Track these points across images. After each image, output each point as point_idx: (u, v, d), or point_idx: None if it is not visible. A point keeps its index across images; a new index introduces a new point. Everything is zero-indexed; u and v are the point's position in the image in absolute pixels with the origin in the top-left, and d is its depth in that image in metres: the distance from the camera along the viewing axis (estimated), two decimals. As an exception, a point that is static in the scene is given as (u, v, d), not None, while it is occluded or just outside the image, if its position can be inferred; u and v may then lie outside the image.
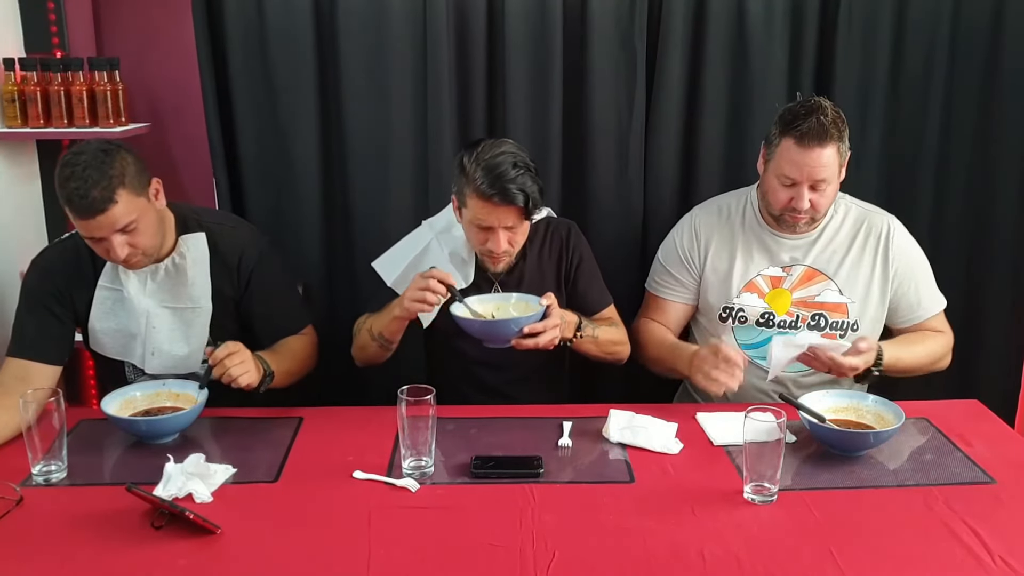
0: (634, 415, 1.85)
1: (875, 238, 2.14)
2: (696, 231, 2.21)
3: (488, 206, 1.90)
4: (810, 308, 2.13)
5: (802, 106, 1.99)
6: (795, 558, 1.41)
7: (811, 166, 1.97)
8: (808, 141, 1.95)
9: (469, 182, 1.91)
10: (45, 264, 1.97)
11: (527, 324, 1.86)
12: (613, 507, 1.56)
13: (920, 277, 2.16)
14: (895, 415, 1.77)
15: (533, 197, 1.90)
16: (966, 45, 2.48)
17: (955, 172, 2.57)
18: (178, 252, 1.96)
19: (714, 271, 2.19)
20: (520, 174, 1.89)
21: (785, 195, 2.03)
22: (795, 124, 1.96)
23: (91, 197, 1.73)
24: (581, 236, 2.18)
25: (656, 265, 2.30)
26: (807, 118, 1.95)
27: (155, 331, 1.97)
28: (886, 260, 2.13)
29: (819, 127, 1.94)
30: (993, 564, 1.39)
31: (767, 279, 2.16)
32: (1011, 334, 2.59)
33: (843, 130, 1.99)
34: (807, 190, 2.00)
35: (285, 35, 2.40)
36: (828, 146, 1.96)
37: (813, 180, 1.99)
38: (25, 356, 1.90)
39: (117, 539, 1.45)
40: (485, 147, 1.93)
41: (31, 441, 1.62)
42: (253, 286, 2.02)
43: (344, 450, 1.75)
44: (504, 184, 1.87)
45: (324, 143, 2.48)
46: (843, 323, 2.13)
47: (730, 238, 2.19)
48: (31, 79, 2.39)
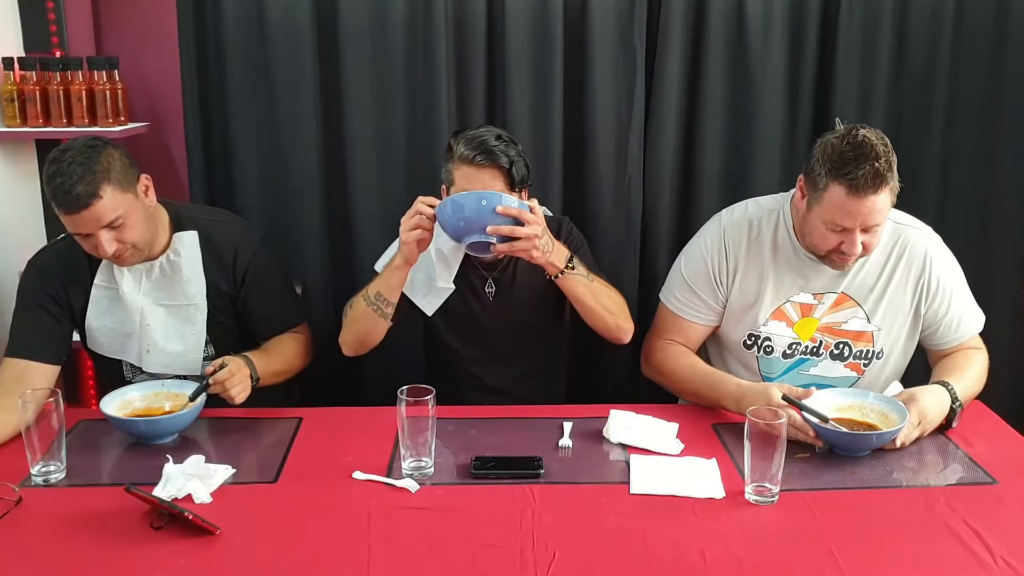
0: (635, 415, 1.85)
1: (912, 261, 1.97)
2: (726, 249, 2.02)
3: (472, 171, 1.89)
4: (835, 335, 2.00)
5: (849, 145, 1.78)
6: (796, 559, 1.41)
7: (865, 214, 1.79)
8: (863, 191, 1.76)
9: (453, 157, 1.92)
10: (41, 265, 1.98)
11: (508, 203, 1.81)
12: (614, 508, 1.55)
13: (958, 298, 2.00)
14: (900, 415, 1.76)
15: (516, 163, 1.90)
16: (968, 44, 2.48)
17: (957, 172, 2.57)
18: (172, 250, 1.97)
19: (741, 295, 2.02)
20: (503, 145, 1.91)
21: (834, 240, 1.85)
22: (846, 171, 1.76)
23: (75, 192, 1.73)
24: (574, 228, 2.14)
25: (678, 279, 2.09)
26: (859, 165, 1.75)
27: (150, 329, 1.97)
28: (924, 286, 1.97)
29: (873, 174, 1.75)
30: (994, 565, 1.38)
31: (796, 306, 2.00)
32: (1014, 334, 2.59)
33: (893, 163, 1.79)
34: (859, 233, 1.83)
35: (285, 35, 2.39)
36: (883, 191, 1.78)
37: (867, 226, 1.82)
38: (23, 356, 1.90)
39: (116, 539, 1.45)
40: (469, 129, 1.95)
41: (30, 441, 1.61)
42: (249, 282, 2.03)
43: (344, 450, 1.75)
44: (487, 147, 1.88)
45: (324, 143, 2.48)
46: (867, 352, 2.00)
47: (760, 260, 2.00)
48: (30, 78, 2.38)
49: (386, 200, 2.51)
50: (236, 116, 2.46)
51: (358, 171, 2.50)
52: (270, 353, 2.00)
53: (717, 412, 1.94)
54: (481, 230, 1.80)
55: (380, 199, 2.51)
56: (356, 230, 2.54)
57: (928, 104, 2.52)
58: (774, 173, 2.53)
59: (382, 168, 2.50)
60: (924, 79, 2.51)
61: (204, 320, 2.00)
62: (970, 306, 2.04)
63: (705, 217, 2.52)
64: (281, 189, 2.51)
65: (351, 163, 2.49)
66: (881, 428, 1.77)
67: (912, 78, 2.51)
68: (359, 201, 2.52)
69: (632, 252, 2.55)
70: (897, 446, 1.74)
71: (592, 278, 2.01)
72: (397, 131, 2.47)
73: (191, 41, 2.39)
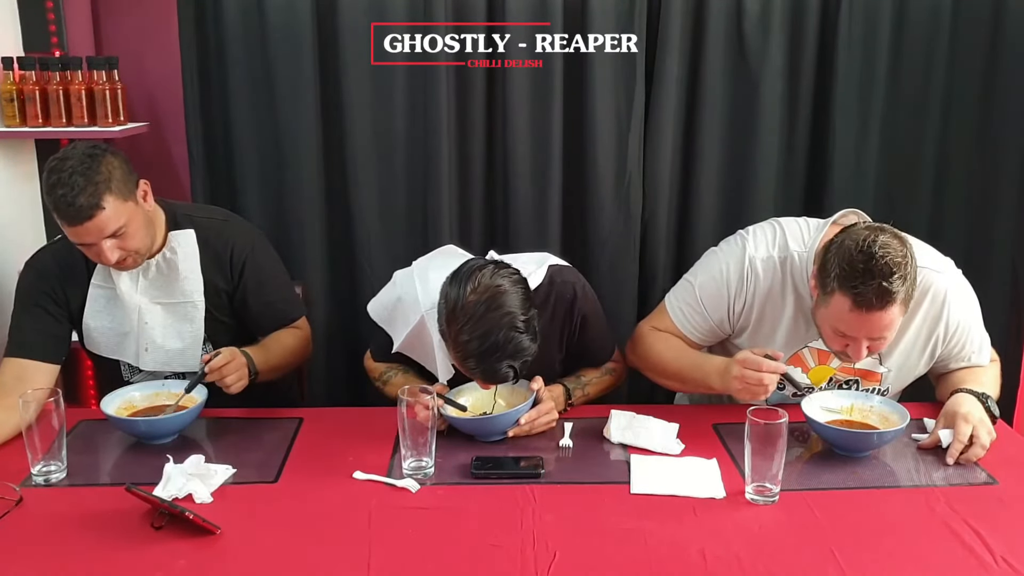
0: (635, 415, 1.85)
1: (932, 307, 1.88)
2: (746, 280, 1.90)
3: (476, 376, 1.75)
4: (846, 374, 1.94)
5: (863, 255, 1.65)
6: (796, 559, 1.41)
7: (869, 328, 1.70)
8: (868, 307, 1.67)
9: (452, 346, 1.69)
10: (39, 265, 1.98)
11: (521, 416, 1.78)
12: (614, 508, 1.55)
13: (973, 336, 1.93)
14: (900, 416, 1.76)
15: (526, 361, 1.72)
16: (966, 44, 2.49)
17: (955, 172, 2.57)
18: (169, 248, 1.97)
19: (757, 332, 1.93)
20: (510, 343, 1.65)
21: (839, 343, 1.77)
22: (853, 284, 1.66)
23: (78, 204, 1.73)
24: (587, 294, 1.97)
25: (689, 295, 1.98)
26: (867, 280, 1.64)
27: (148, 327, 1.97)
28: (942, 332, 1.90)
29: (880, 293, 1.64)
30: (995, 565, 1.38)
31: (814, 352, 1.92)
32: (1011, 333, 2.59)
33: (909, 276, 1.67)
34: (865, 341, 1.74)
35: (285, 35, 2.39)
36: (890, 308, 1.67)
37: (872, 339, 1.74)
38: (22, 355, 1.90)
39: (117, 539, 1.45)
40: (475, 300, 1.65)
41: (31, 441, 1.61)
42: (247, 277, 2.03)
43: (344, 450, 1.75)
44: (491, 368, 1.68)
45: (324, 143, 2.48)
46: (874, 389, 1.94)
47: (782, 303, 1.90)
48: (29, 78, 2.38)
49: (386, 200, 2.51)
50: (236, 116, 2.46)
51: (358, 171, 2.50)
52: (268, 348, 1.99)
53: (717, 412, 1.94)
54: (501, 435, 1.81)
55: (380, 199, 2.51)
56: (356, 230, 2.54)
57: (926, 103, 2.52)
58: (773, 171, 2.53)
59: (382, 168, 2.50)
60: (922, 78, 2.51)
61: (202, 317, 2.00)
62: (982, 340, 1.97)
63: (705, 216, 2.54)
64: (281, 189, 2.51)
65: (351, 163, 2.49)
66: (881, 428, 1.77)
67: (910, 78, 2.51)
68: (359, 201, 2.52)
69: (632, 252, 2.55)
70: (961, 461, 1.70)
71: (588, 381, 1.99)
72: (397, 130, 2.47)
73: (191, 41, 2.39)
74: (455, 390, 1.88)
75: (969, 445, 1.70)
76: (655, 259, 2.57)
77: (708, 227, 2.55)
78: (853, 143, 2.51)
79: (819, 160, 2.55)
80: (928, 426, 1.84)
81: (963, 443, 1.70)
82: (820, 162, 2.55)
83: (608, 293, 2.46)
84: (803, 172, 2.59)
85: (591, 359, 2.04)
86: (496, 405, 1.88)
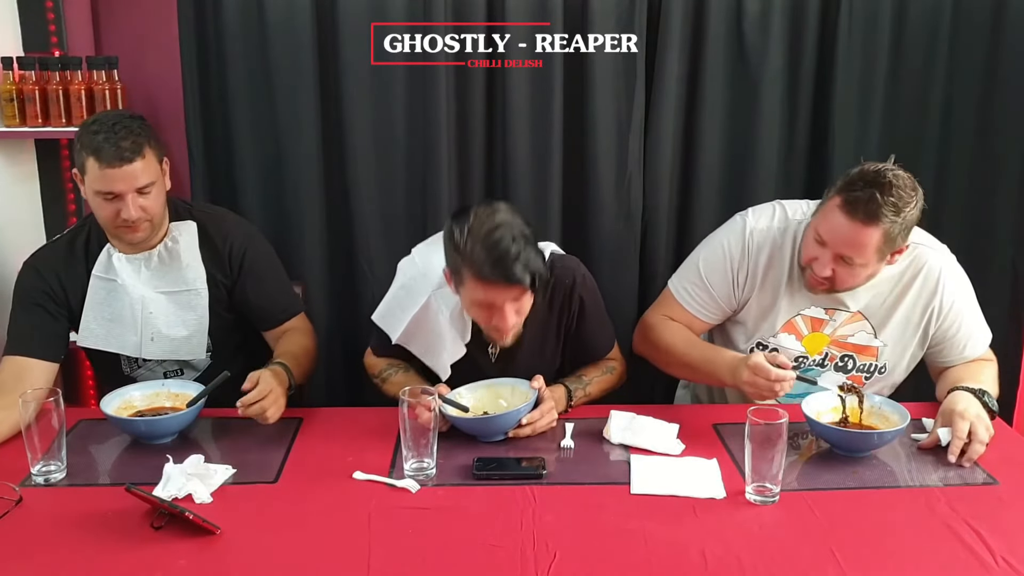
0: (635, 416, 1.85)
1: (926, 282, 1.95)
2: (749, 251, 1.98)
3: (491, 288, 1.73)
4: (841, 348, 1.99)
5: (872, 172, 1.77)
6: (797, 559, 1.41)
7: (843, 237, 1.78)
8: (853, 213, 1.76)
9: (465, 261, 1.72)
10: (38, 264, 1.99)
11: (523, 416, 1.79)
12: (614, 508, 1.55)
13: (968, 320, 1.98)
14: (900, 416, 1.76)
15: (540, 274, 1.75)
16: (966, 43, 2.48)
17: (955, 170, 2.57)
18: (170, 237, 2.00)
19: (757, 303, 1.99)
20: (522, 249, 1.71)
21: (812, 252, 1.86)
22: (851, 186, 1.76)
23: (121, 146, 1.82)
24: (587, 283, 1.99)
25: (692, 270, 2.05)
26: (864, 187, 1.74)
27: (152, 316, 1.98)
28: (935, 308, 1.95)
29: (869, 201, 1.73)
30: (995, 565, 1.38)
31: (807, 320, 1.98)
32: (1010, 332, 2.59)
33: (904, 211, 1.75)
34: (831, 258, 1.82)
35: (285, 35, 2.39)
36: (873, 227, 1.75)
37: (840, 253, 1.81)
38: (21, 353, 1.90)
39: (117, 539, 1.45)
40: (478, 218, 1.73)
41: (30, 441, 1.61)
42: (246, 270, 2.04)
43: (344, 451, 1.75)
44: (508, 265, 1.69)
45: (324, 143, 2.48)
46: (871, 365, 1.99)
47: (780, 270, 1.97)
48: (29, 78, 2.38)
49: (386, 200, 2.51)
50: (236, 116, 2.46)
51: (358, 171, 2.49)
52: (296, 357, 1.99)
53: (717, 412, 1.94)
54: (502, 435, 1.81)
55: (380, 199, 2.51)
56: (356, 230, 2.54)
57: (926, 102, 2.52)
58: (773, 171, 2.53)
59: (382, 167, 2.49)
60: (922, 78, 2.51)
61: (206, 305, 2.01)
62: (979, 327, 2.01)
63: (705, 216, 2.54)
64: (281, 189, 2.51)
65: (351, 163, 2.49)
66: (881, 428, 1.77)
67: (910, 77, 2.51)
68: (359, 201, 2.51)
69: (632, 251, 2.54)
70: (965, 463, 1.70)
71: (589, 381, 2.00)
72: (397, 131, 2.47)
73: (191, 41, 2.39)
74: (456, 391, 1.88)
75: (968, 442, 1.71)
76: (655, 259, 2.57)
77: (708, 226, 2.52)
78: (853, 143, 2.50)
79: (819, 160, 2.55)
80: (927, 426, 1.84)
81: (962, 439, 1.71)
82: (820, 162, 2.54)
83: (608, 292, 2.45)
84: (803, 172, 2.58)
85: (590, 351, 2.05)
86: (497, 405, 1.89)
